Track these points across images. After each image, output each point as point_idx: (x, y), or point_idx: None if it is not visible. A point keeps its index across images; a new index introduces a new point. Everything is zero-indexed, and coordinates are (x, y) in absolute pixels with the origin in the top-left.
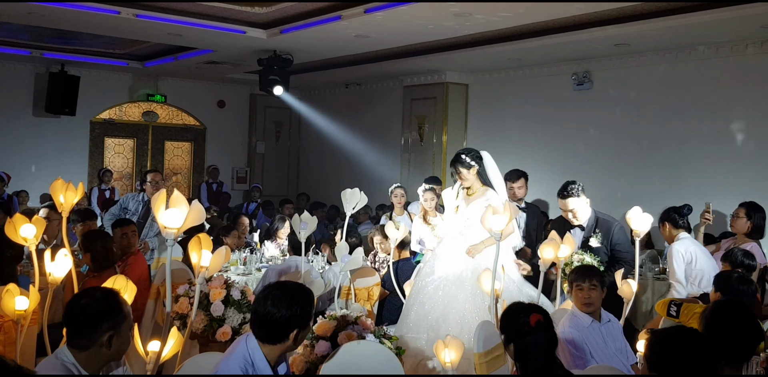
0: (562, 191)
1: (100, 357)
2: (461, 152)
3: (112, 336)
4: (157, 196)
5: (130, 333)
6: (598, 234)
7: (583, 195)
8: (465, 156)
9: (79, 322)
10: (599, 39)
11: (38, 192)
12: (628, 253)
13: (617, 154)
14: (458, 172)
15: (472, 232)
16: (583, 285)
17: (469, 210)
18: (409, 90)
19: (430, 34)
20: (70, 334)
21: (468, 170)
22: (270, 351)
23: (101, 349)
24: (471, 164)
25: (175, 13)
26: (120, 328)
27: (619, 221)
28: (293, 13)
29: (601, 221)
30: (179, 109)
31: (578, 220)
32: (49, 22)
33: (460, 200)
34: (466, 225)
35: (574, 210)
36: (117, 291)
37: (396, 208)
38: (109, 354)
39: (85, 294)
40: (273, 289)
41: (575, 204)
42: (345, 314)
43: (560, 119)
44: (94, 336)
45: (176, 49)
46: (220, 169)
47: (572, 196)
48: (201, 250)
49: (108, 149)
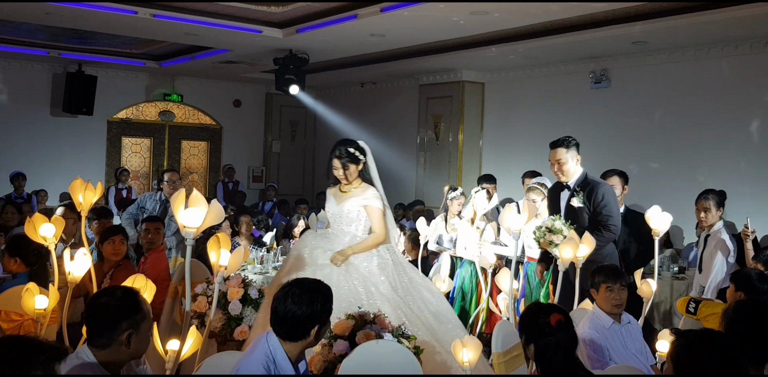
0: (555, 141)
1: (120, 355)
2: (347, 145)
3: (132, 334)
4: (177, 196)
5: (150, 332)
6: (580, 193)
7: (575, 152)
8: (353, 149)
9: (99, 321)
10: (617, 37)
11: (56, 192)
12: (611, 217)
13: (635, 152)
14: (345, 167)
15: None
16: (614, 287)
17: (344, 209)
18: (425, 89)
19: (446, 33)
20: (90, 333)
21: (357, 165)
22: (291, 349)
23: (121, 348)
24: (359, 158)
25: (192, 13)
26: (140, 327)
27: (610, 186)
28: (309, 13)
29: (588, 181)
30: (195, 108)
31: (564, 177)
32: (67, 22)
33: (330, 198)
34: (337, 226)
35: (561, 162)
36: (137, 290)
37: (451, 213)
38: (129, 352)
39: (105, 293)
40: (292, 287)
41: (563, 155)
42: (363, 313)
43: (578, 118)
44: (114, 334)
45: (193, 48)
46: (236, 168)
47: (562, 146)
48: (220, 249)
49: (125, 148)
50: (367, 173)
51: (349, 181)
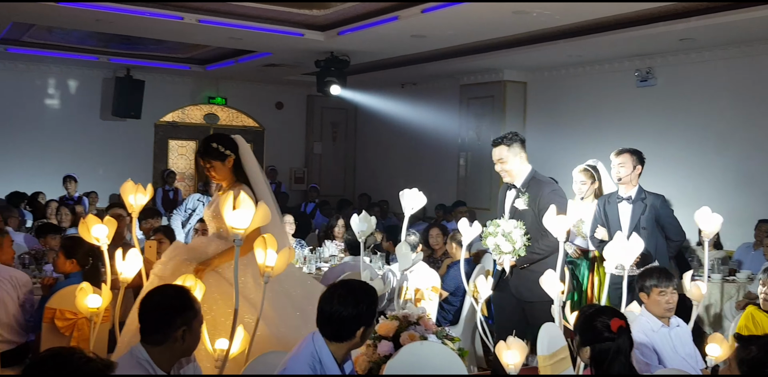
0: (495, 138)
1: (173, 352)
2: (209, 139)
3: (186, 331)
4: (225, 197)
5: (200, 330)
6: (526, 194)
7: (519, 149)
8: (216, 143)
9: (153, 318)
10: (663, 34)
11: (106, 193)
12: None
13: (683, 152)
14: (210, 165)
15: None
16: (666, 290)
17: (215, 213)
18: (466, 89)
19: (488, 33)
20: (145, 330)
21: (222, 162)
22: (337, 349)
23: (175, 344)
24: (226, 154)
25: (236, 17)
26: (192, 324)
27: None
28: (351, 15)
29: (534, 181)
30: (239, 110)
31: (510, 177)
32: (116, 28)
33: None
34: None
35: (502, 161)
36: (188, 289)
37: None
38: (182, 349)
39: (158, 291)
40: (338, 288)
41: (504, 154)
42: (407, 314)
43: (623, 117)
44: (168, 330)
45: (236, 52)
46: (278, 169)
47: (502, 144)
48: (267, 249)
49: (171, 151)
50: (240, 171)
51: (218, 180)
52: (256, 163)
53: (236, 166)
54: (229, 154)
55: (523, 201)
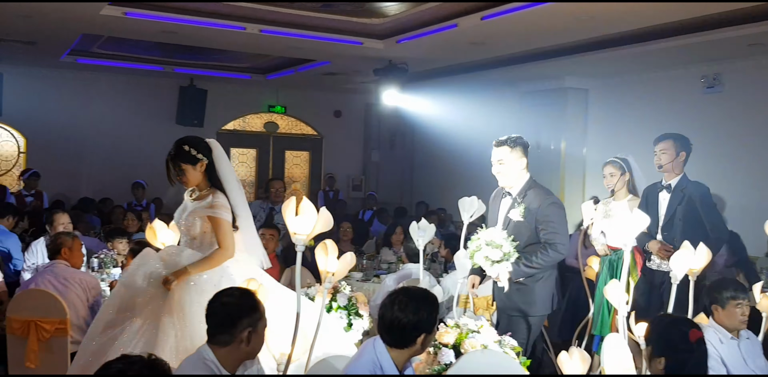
0: (498, 139)
1: (239, 353)
2: (181, 142)
3: (251, 332)
4: (287, 204)
5: (264, 332)
6: (522, 205)
7: (521, 153)
8: (188, 146)
9: (221, 319)
10: (731, 39)
11: (172, 200)
12: (556, 235)
13: (753, 160)
14: (180, 169)
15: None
16: (743, 302)
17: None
18: (526, 96)
19: (549, 39)
20: (212, 331)
21: (194, 166)
22: (398, 356)
23: (240, 345)
24: (198, 158)
25: (297, 27)
26: (257, 326)
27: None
28: (409, 24)
29: (532, 191)
30: (298, 119)
31: (505, 179)
32: (181, 39)
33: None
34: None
35: (501, 162)
36: (253, 292)
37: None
38: (247, 351)
39: (225, 293)
40: (399, 295)
41: (506, 155)
42: (467, 322)
43: (689, 124)
44: (235, 331)
45: (296, 61)
46: (336, 177)
47: (505, 145)
48: (328, 255)
49: (233, 158)
50: (214, 176)
51: (189, 185)
52: (231, 168)
53: (209, 170)
54: (201, 157)
55: (519, 212)
